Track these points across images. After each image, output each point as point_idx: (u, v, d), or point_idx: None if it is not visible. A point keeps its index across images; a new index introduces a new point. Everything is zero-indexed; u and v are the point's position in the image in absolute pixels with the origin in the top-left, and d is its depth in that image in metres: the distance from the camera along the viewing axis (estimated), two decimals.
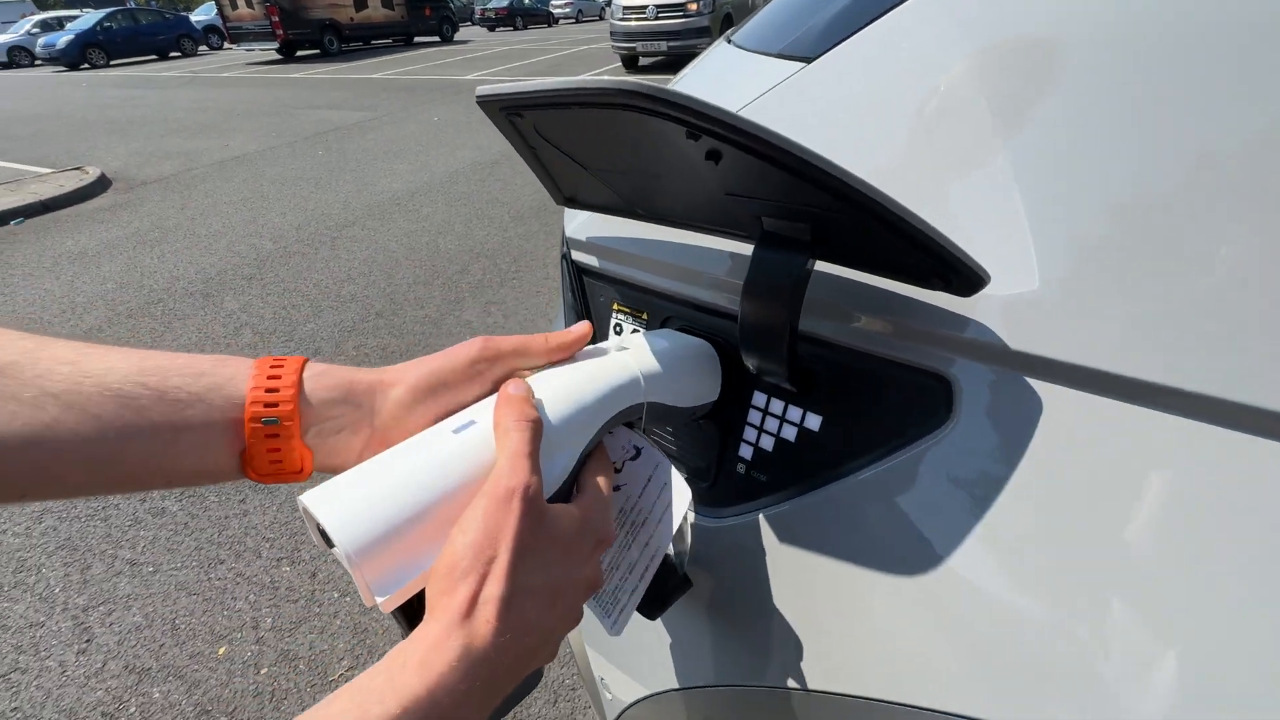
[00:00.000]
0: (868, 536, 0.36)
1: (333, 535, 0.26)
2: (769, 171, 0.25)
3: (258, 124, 7.40)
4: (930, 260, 0.27)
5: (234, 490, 1.81)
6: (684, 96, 0.23)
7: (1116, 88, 0.29)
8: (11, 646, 1.41)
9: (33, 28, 18.80)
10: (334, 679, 1.28)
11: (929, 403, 0.33)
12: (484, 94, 0.29)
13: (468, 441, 0.30)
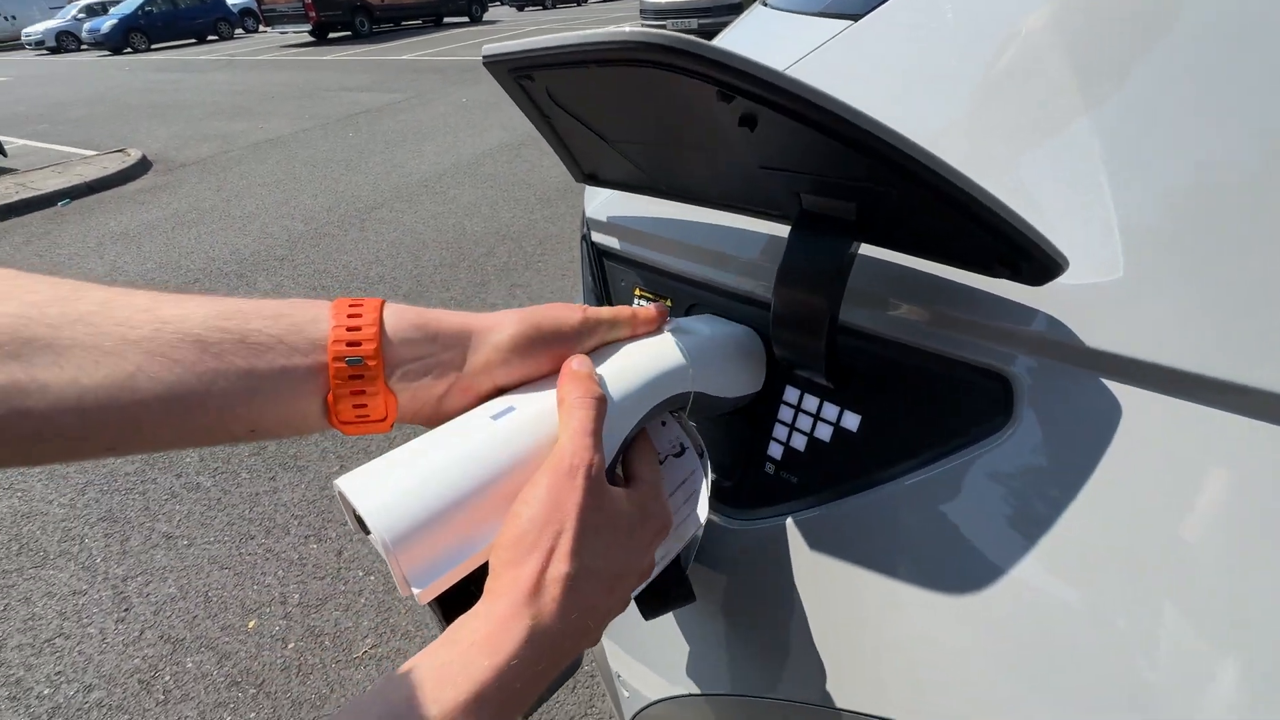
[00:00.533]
0: (907, 549, 0.32)
1: (370, 523, 0.24)
2: (812, 139, 0.22)
3: (291, 106, 7.50)
4: (999, 244, 0.24)
5: (265, 468, 1.85)
6: (714, 48, 0.20)
7: (1233, 44, 0.25)
8: (56, 613, 1.46)
9: (79, 13, 19.32)
10: (357, 656, 1.31)
11: (985, 404, 0.30)
12: (491, 53, 0.26)
13: (508, 429, 0.28)
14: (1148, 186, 0.26)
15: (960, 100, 0.31)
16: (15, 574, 1.58)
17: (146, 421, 0.25)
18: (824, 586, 0.36)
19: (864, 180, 0.24)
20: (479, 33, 14.74)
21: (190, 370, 0.25)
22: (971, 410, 0.30)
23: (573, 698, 1.20)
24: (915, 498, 0.32)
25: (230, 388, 0.26)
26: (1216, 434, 0.24)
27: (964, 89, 0.31)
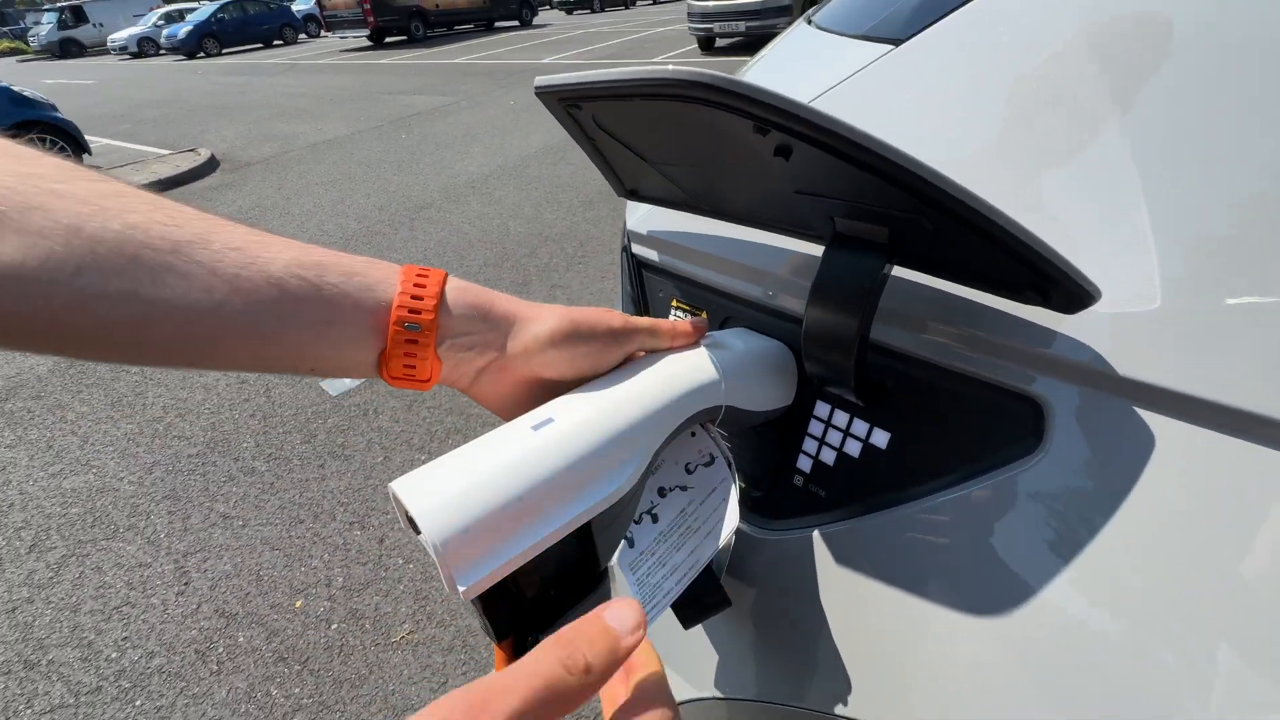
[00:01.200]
0: (934, 567, 0.33)
1: (421, 525, 0.26)
2: (844, 169, 0.23)
3: (348, 109, 7.79)
4: (1028, 272, 0.24)
5: (314, 456, 1.94)
6: (751, 86, 0.21)
7: (1268, 72, 0.24)
8: (124, 583, 1.57)
9: (159, 20, 20.56)
10: (395, 640, 1.36)
11: (1016, 427, 0.30)
12: (542, 85, 0.28)
13: (547, 438, 0.30)
14: (1190, 214, 0.26)
15: (998, 127, 0.31)
16: (89, 544, 1.70)
17: (224, 346, 0.28)
18: (848, 599, 0.37)
19: (895, 207, 0.25)
20: (528, 36, 14.99)
21: (268, 310, 0.28)
22: (1002, 432, 0.30)
23: None
24: (943, 516, 0.32)
25: (300, 331, 0.28)
26: (1252, 467, 0.24)
27: (1002, 116, 0.31)
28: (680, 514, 0.40)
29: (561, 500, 0.29)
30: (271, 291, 0.28)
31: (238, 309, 0.27)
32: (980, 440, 0.31)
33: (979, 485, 0.31)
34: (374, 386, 2.25)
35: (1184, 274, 0.25)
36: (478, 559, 0.27)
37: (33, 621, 1.49)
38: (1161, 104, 0.27)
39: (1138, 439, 0.26)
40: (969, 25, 0.34)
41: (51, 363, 2.62)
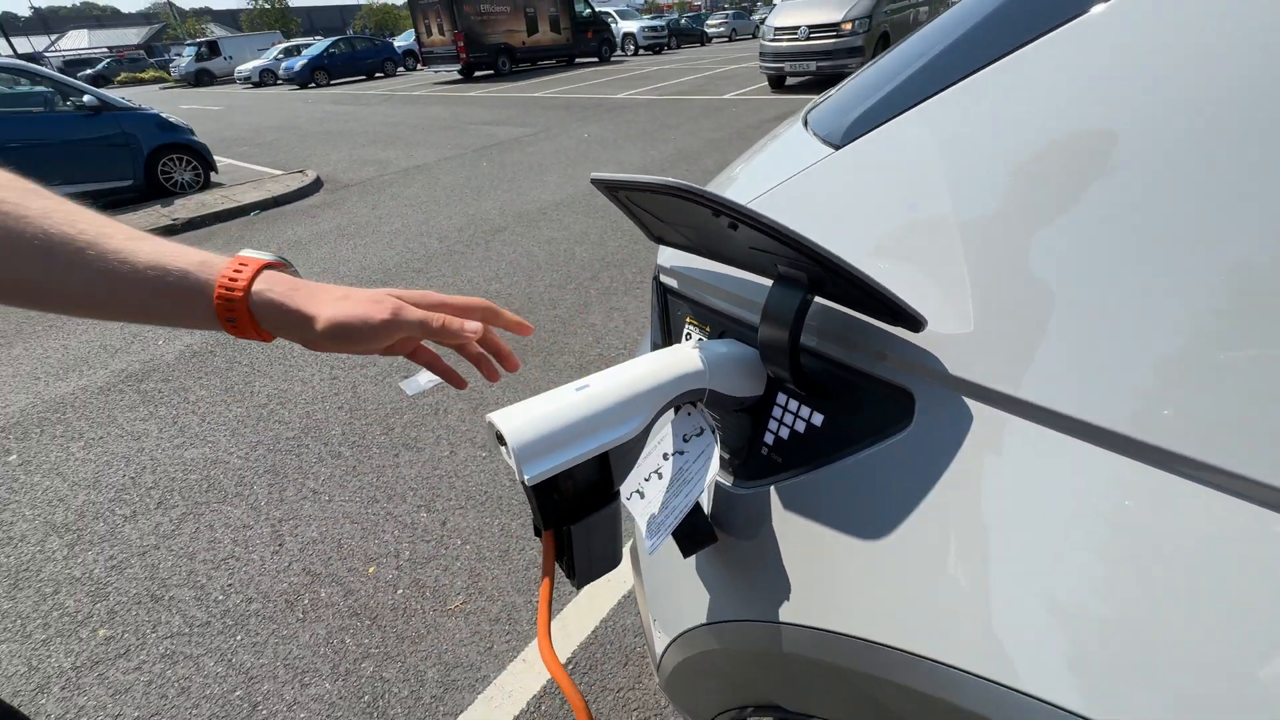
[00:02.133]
0: (846, 506, 0.47)
1: (507, 438, 0.42)
2: (766, 239, 0.39)
3: (437, 137, 8.45)
4: (883, 306, 0.39)
5: (391, 446, 2.19)
6: (704, 192, 0.37)
7: (1040, 200, 0.39)
8: (230, 540, 1.84)
9: (279, 54, 22.88)
10: (450, 608, 1.54)
11: (897, 410, 0.44)
12: (595, 178, 0.45)
13: (585, 395, 0.46)
14: (989, 276, 0.40)
15: (887, 221, 0.46)
16: (204, 506, 1.99)
17: (98, 309, 0.41)
18: (793, 531, 0.51)
19: (800, 263, 0.40)
20: (605, 72, 15.69)
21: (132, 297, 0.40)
22: (889, 413, 0.44)
23: (624, 671, 1.36)
24: (852, 472, 0.47)
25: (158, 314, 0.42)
26: (1023, 434, 0.37)
27: (891, 213, 0.46)
28: (679, 471, 0.55)
29: (590, 434, 0.45)
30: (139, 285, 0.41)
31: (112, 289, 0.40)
32: (876, 418, 0.45)
33: (875, 449, 0.45)
34: (445, 390, 2.50)
35: (984, 311, 0.39)
36: (537, 461, 0.43)
37: (158, 564, 1.78)
38: (980, 211, 0.42)
39: (961, 417, 0.40)
40: (879, 144, 0.49)
41: (178, 351, 3.03)
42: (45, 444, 2.39)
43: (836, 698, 0.49)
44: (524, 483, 0.43)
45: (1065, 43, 0.40)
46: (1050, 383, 0.36)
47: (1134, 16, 0.38)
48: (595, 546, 0.49)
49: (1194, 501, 0.32)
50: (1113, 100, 0.37)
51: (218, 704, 1.36)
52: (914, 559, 0.42)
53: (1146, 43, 0.37)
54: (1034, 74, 0.41)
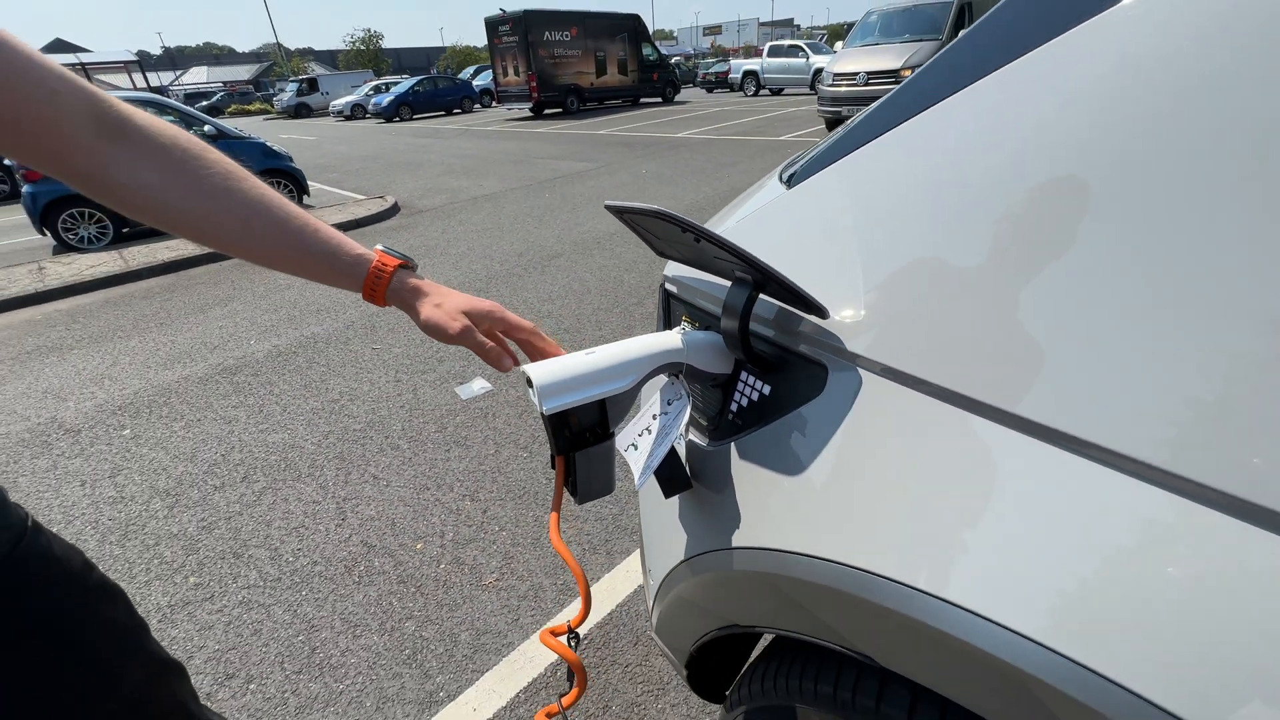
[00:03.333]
0: (780, 454, 0.62)
1: (533, 379, 0.60)
2: (720, 250, 0.56)
3: (505, 169, 9.01)
4: (797, 300, 0.55)
5: (444, 442, 2.42)
6: (670, 213, 0.55)
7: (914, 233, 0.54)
8: (302, 512, 2.09)
9: (369, 90, 24.87)
10: (485, 583, 1.72)
11: (816, 381, 0.59)
12: (609, 205, 0.64)
13: (590, 358, 0.63)
14: (874, 280, 0.55)
15: (813, 240, 0.62)
16: (281, 483, 2.27)
17: (276, 264, 0.61)
18: (744, 476, 0.67)
19: (746, 269, 0.57)
20: (669, 112, 16.26)
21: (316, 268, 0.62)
22: (810, 384, 0.60)
23: (634, 650, 1.49)
24: (785, 428, 0.62)
25: (322, 274, 0.63)
26: (900, 400, 0.52)
27: (816, 235, 0.62)
28: (662, 427, 0.72)
29: (593, 385, 0.62)
30: (322, 259, 0.62)
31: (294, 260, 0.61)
32: (803, 388, 0.61)
33: (799, 411, 0.60)
34: (495, 396, 2.73)
35: (869, 306, 0.55)
36: (554, 399, 0.61)
37: (240, 528, 2.04)
38: (874, 229, 0.57)
39: (855, 385, 0.55)
40: (813, 188, 0.66)
41: (267, 350, 3.40)
42: (153, 422, 2.76)
43: (768, 604, 0.64)
44: (543, 414, 0.61)
45: (916, 125, 0.56)
46: (915, 355, 0.51)
47: (984, 105, 0.54)
48: (594, 472, 0.66)
49: (1011, 443, 0.46)
50: (942, 180, 0.53)
51: (284, 645, 1.58)
52: (819, 489, 0.57)
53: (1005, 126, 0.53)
54: (904, 144, 0.58)
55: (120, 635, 0.61)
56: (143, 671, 0.63)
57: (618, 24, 18.99)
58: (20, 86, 0.43)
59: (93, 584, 0.59)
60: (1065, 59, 0.47)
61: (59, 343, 3.78)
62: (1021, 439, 0.44)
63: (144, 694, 0.62)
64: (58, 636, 0.54)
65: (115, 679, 0.59)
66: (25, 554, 0.52)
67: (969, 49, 0.56)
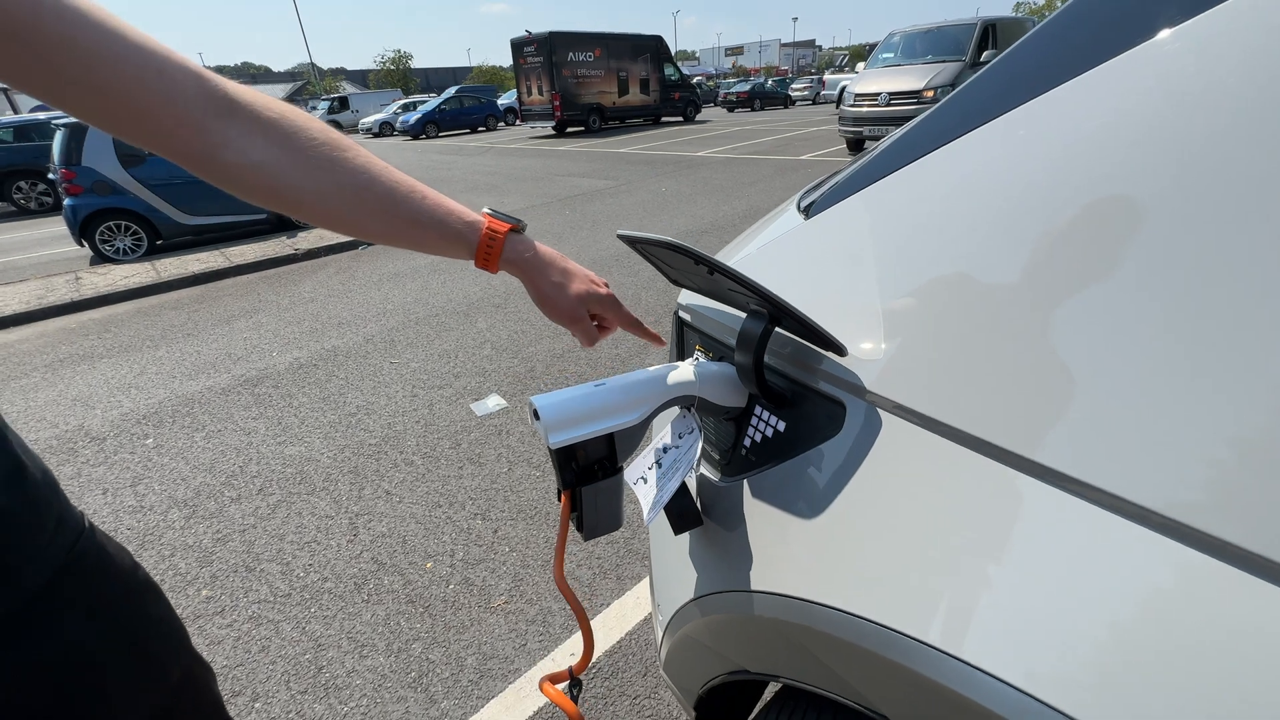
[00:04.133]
0: (796, 493, 0.60)
1: (540, 412, 0.59)
2: (734, 282, 0.54)
3: (527, 186, 9.13)
4: (815, 337, 0.53)
5: (457, 459, 2.42)
6: (683, 245, 0.53)
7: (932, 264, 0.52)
8: (314, 527, 2.09)
9: (397, 109, 25.52)
10: (493, 606, 1.70)
11: (833, 419, 0.57)
12: (621, 234, 0.63)
13: (600, 390, 0.62)
14: (895, 320, 0.53)
15: (832, 272, 0.60)
16: (295, 495, 2.28)
17: (385, 236, 0.60)
18: (757, 515, 0.64)
19: (761, 301, 0.55)
20: (689, 131, 16.40)
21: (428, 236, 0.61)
22: (827, 422, 0.57)
23: (643, 681, 1.45)
24: (800, 467, 0.59)
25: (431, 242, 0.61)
26: (922, 444, 0.50)
27: (834, 268, 0.60)
28: (672, 461, 0.70)
29: (602, 420, 0.61)
30: (432, 227, 0.60)
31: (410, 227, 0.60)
32: (820, 426, 0.58)
33: (817, 449, 0.58)
34: (510, 414, 2.73)
35: (892, 344, 0.53)
36: (560, 432, 0.59)
37: (254, 541, 2.05)
38: (897, 267, 0.55)
39: (873, 425, 0.53)
40: (833, 218, 0.64)
41: (288, 362, 3.45)
42: (175, 432, 2.80)
43: (781, 652, 0.61)
44: (549, 447, 0.59)
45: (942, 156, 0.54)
46: (939, 397, 0.48)
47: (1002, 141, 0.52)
48: (601, 507, 0.64)
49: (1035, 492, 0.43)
50: (960, 211, 0.51)
51: (290, 663, 1.57)
52: (837, 534, 0.54)
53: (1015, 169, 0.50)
54: (920, 179, 0.56)
55: (165, 631, 0.62)
56: (183, 668, 0.64)
57: (641, 45, 19.28)
58: (131, 65, 0.43)
59: (139, 581, 0.61)
60: (1096, 94, 0.45)
61: (90, 351, 3.88)
62: (1050, 491, 0.41)
63: (185, 688, 0.64)
64: (112, 630, 0.55)
65: (162, 672, 0.61)
66: (85, 550, 0.54)
67: (1000, 79, 0.54)
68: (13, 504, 0.48)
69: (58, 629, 0.50)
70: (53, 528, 0.51)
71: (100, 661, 0.54)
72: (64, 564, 0.51)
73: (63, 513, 0.53)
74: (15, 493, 0.48)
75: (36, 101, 15.93)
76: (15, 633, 0.47)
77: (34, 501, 0.50)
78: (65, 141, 5.79)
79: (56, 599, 0.50)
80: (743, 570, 0.65)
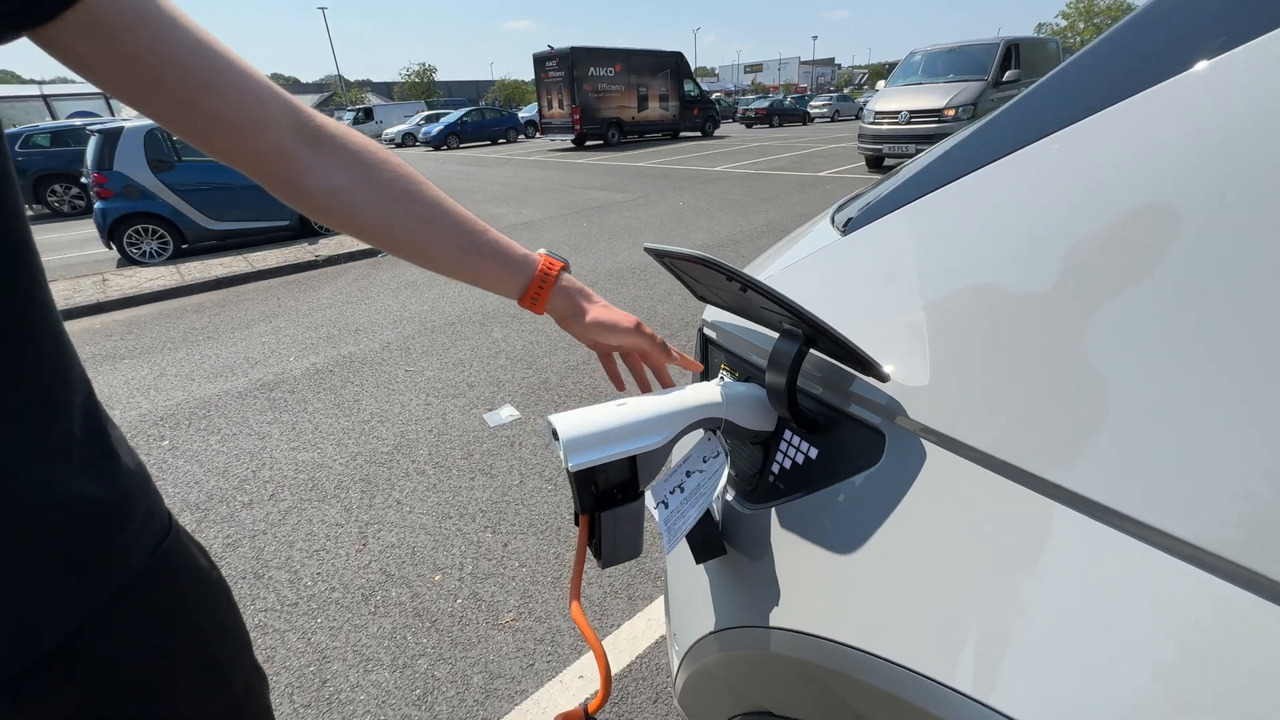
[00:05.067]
0: (831, 525, 0.56)
1: (560, 432, 0.56)
2: (768, 300, 0.51)
3: (545, 198, 9.20)
4: (855, 361, 0.50)
5: (469, 470, 2.39)
6: (717, 260, 0.50)
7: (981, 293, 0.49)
8: (324, 535, 2.08)
9: (420, 120, 25.96)
10: (501, 622, 1.66)
11: (871, 448, 0.53)
12: (648, 247, 0.60)
13: (622, 411, 0.59)
14: (939, 343, 0.49)
15: (867, 293, 0.57)
16: (306, 503, 2.26)
17: (443, 267, 0.61)
18: (785, 547, 0.60)
19: (796, 321, 0.52)
20: (707, 146, 16.47)
21: (488, 270, 0.62)
22: (864, 450, 0.54)
23: (654, 708, 1.41)
24: (833, 498, 0.56)
25: (493, 280, 0.62)
26: (968, 478, 0.46)
27: (871, 286, 0.57)
28: (696, 486, 0.66)
29: (624, 442, 0.58)
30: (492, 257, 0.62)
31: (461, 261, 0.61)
32: (855, 455, 0.55)
33: (853, 479, 0.54)
34: (523, 425, 2.70)
35: (937, 370, 0.49)
36: (581, 454, 0.56)
37: (263, 548, 2.03)
38: (935, 289, 0.52)
39: (914, 455, 0.49)
40: (869, 236, 0.61)
41: (304, 367, 3.47)
42: (191, 435, 2.81)
43: (807, 695, 0.57)
44: (569, 470, 0.56)
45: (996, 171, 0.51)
46: (988, 430, 0.45)
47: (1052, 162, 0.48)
48: (620, 534, 0.61)
49: (1085, 531, 0.39)
50: (1016, 228, 0.47)
51: (295, 675, 1.54)
52: (873, 572, 0.51)
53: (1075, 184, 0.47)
54: (978, 193, 0.52)
55: (233, 638, 0.61)
56: (246, 676, 0.63)
57: (661, 61, 19.48)
58: (236, 93, 0.47)
59: (215, 584, 0.60)
60: (1161, 110, 0.42)
61: (113, 352, 3.94)
62: (1110, 533, 0.38)
63: (246, 696, 0.63)
64: (187, 636, 0.55)
65: (228, 682, 0.60)
66: (171, 547, 0.53)
67: (1049, 96, 0.51)
68: (102, 494, 0.46)
69: (134, 631, 0.49)
70: (140, 524, 0.50)
71: (172, 667, 0.53)
72: (147, 563, 0.50)
73: (151, 507, 0.52)
74: (107, 483, 0.47)
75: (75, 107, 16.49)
76: (94, 631, 0.46)
77: (125, 493, 0.49)
78: (99, 146, 5.94)
79: (136, 599, 0.49)
80: (768, 605, 0.61)
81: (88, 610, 0.45)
